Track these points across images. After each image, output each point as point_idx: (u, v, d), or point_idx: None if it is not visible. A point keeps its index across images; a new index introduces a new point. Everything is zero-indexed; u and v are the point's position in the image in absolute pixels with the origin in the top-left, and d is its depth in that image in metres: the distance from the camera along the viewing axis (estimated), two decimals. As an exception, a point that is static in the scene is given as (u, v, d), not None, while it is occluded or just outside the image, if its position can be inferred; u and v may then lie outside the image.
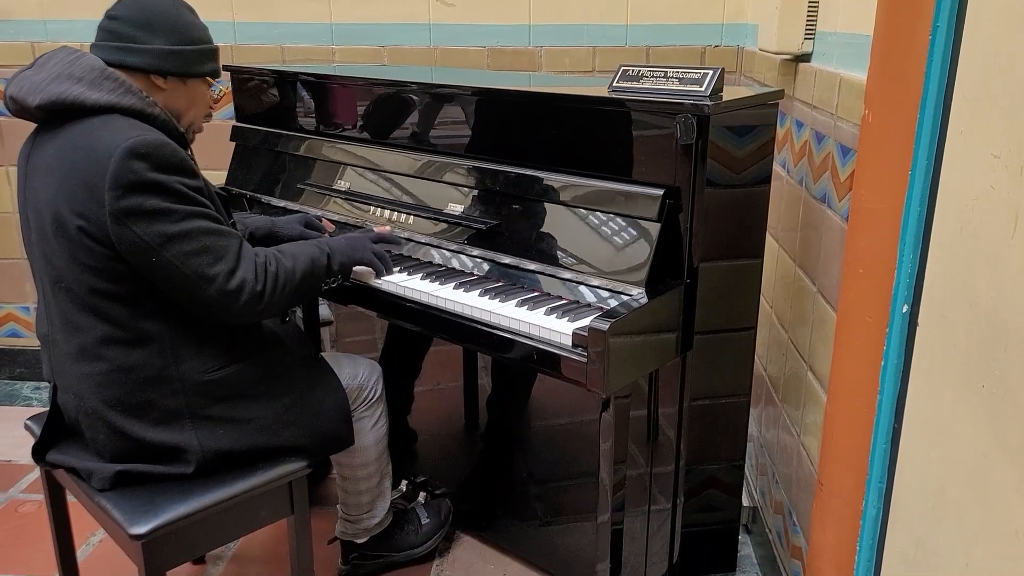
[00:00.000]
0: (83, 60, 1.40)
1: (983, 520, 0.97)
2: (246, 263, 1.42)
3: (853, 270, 1.25)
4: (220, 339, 1.48)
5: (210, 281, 1.38)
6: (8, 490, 2.34)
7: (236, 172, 2.26)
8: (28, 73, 1.42)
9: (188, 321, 1.44)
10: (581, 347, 1.37)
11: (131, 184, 1.31)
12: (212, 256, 1.38)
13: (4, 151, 2.79)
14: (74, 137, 1.36)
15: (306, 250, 1.56)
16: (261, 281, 1.43)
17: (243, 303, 1.41)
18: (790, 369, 1.88)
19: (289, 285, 1.48)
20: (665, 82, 1.51)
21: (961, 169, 1.03)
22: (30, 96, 1.38)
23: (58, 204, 1.35)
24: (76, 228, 1.34)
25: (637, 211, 1.50)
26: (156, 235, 1.33)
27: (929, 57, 1.08)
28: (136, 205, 1.32)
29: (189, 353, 1.45)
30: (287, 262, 1.50)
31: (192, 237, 1.36)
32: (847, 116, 1.50)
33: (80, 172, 1.33)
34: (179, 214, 1.35)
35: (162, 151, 1.34)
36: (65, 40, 2.65)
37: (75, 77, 1.38)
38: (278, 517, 1.58)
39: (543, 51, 2.64)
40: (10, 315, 2.99)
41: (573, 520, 1.95)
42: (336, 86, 2.10)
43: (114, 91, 1.38)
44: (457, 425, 2.21)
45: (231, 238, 1.42)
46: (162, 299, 1.41)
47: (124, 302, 1.39)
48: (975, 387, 0.98)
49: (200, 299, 1.40)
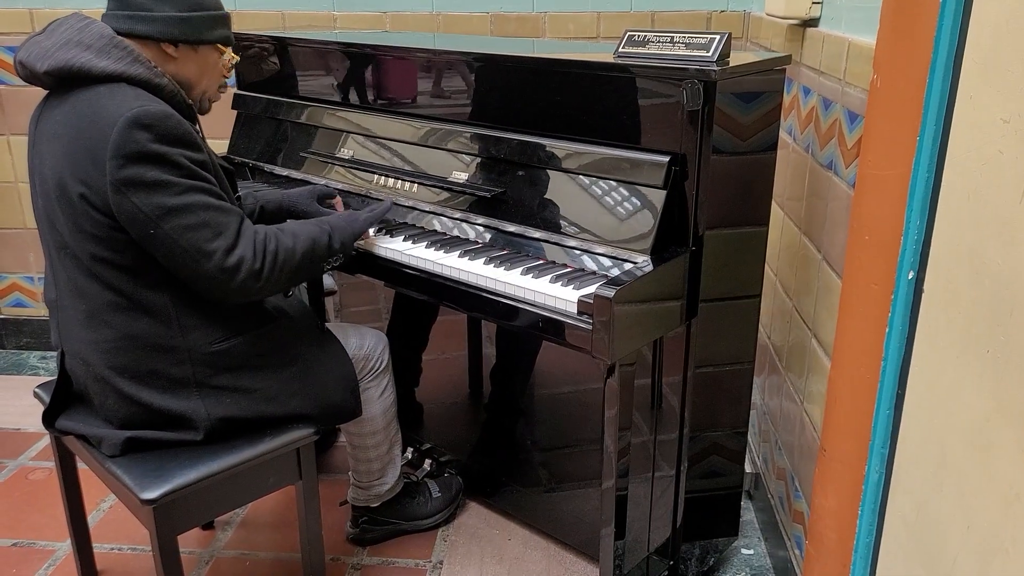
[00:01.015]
0: (92, 27, 1.40)
1: (984, 484, 0.97)
2: (245, 240, 1.41)
3: (859, 237, 1.25)
4: (226, 310, 1.49)
5: (208, 256, 1.37)
6: (18, 458, 2.36)
7: (238, 141, 2.25)
8: (39, 38, 1.41)
9: (193, 292, 1.44)
10: (586, 315, 1.38)
11: (133, 154, 1.31)
12: (211, 231, 1.37)
13: (5, 120, 2.77)
14: (80, 104, 1.35)
15: (307, 229, 1.54)
16: (259, 259, 1.42)
17: (240, 280, 1.40)
18: (794, 337, 1.88)
19: (289, 264, 1.47)
20: (671, 48, 1.49)
21: (970, 134, 1.03)
22: (39, 62, 1.37)
23: (62, 171, 1.35)
24: (79, 195, 1.34)
25: (642, 178, 1.49)
26: (155, 207, 1.33)
27: (939, 21, 1.07)
28: (136, 175, 1.31)
29: (195, 324, 1.45)
30: (287, 241, 1.48)
31: (191, 211, 1.35)
32: (855, 82, 1.49)
33: (84, 140, 1.33)
34: (179, 187, 1.34)
35: (166, 122, 1.34)
36: (63, 7, 2.62)
37: (84, 44, 1.37)
38: (286, 483, 1.60)
39: (547, 17, 2.61)
40: (15, 285, 3.00)
41: (577, 486, 1.97)
42: (338, 53, 2.08)
43: (121, 60, 1.38)
44: (462, 393, 2.23)
45: (231, 215, 1.41)
46: (165, 270, 1.41)
47: (127, 271, 1.39)
48: (979, 353, 0.98)
49: (197, 274, 1.39)
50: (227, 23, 1.54)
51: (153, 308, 1.42)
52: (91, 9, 2.56)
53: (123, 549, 2.00)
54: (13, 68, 2.67)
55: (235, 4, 2.63)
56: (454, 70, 1.85)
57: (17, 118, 2.75)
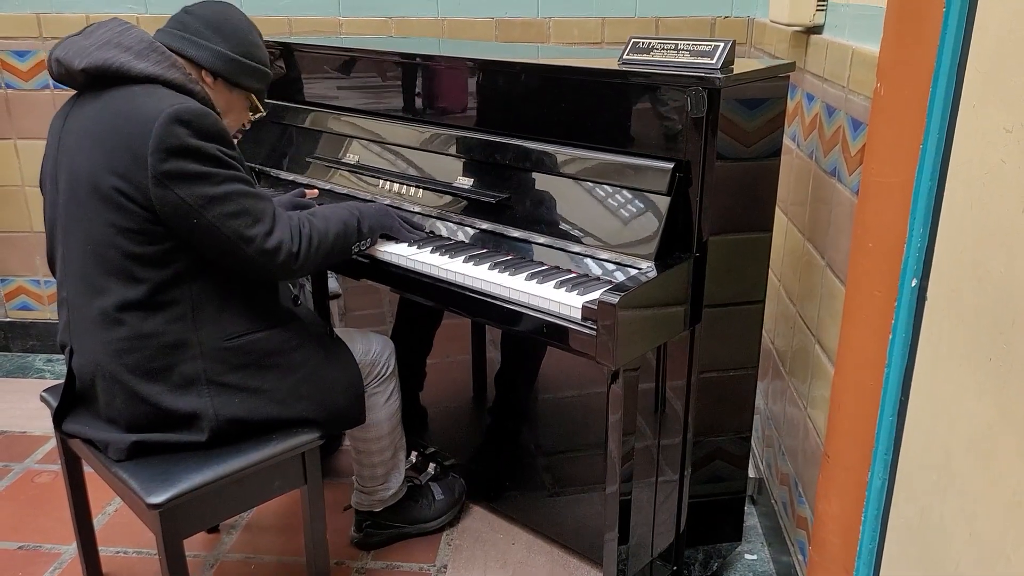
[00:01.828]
0: (133, 32, 1.46)
1: (987, 491, 0.98)
2: (282, 224, 1.49)
3: (862, 244, 1.26)
4: (240, 307, 1.52)
5: (249, 242, 1.44)
6: (24, 460, 2.37)
7: (244, 145, 2.26)
8: (76, 38, 1.46)
9: (211, 287, 1.48)
10: (591, 320, 1.38)
11: (174, 148, 1.36)
12: (251, 218, 1.44)
13: (12, 124, 2.79)
14: (117, 102, 1.41)
15: (338, 212, 1.63)
16: (296, 241, 1.50)
17: (280, 262, 1.48)
18: (798, 343, 1.88)
19: (323, 246, 1.55)
20: (676, 54, 1.50)
21: (973, 143, 1.03)
22: (76, 59, 1.42)
23: (95, 166, 1.39)
24: (113, 189, 1.37)
25: (647, 184, 1.50)
26: (198, 197, 1.38)
27: (943, 30, 1.08)
28: (179, 168, 1.37)
29: (209, 319, 1.48)
30: (320, 224, 1.56)
31: (231, 199, 1.41)
32: (858, 89, 1.49)
33: (122, 135, 1.37)
34: (219, 177, 1.40)
35: (204, 119, 1.40)
36: (70, 12, 2.65)
37: (123, 46, 1.43)
38: (291, 487, 1.60)
39: (551, 22, 2.62)
40: (21, 287, 3.02)
41: (581, 491, 1.97)
42: (343, 58, 2.09)
43: (159, 63, 1.44)
44: (467, 398, 2.23)
45: (267, 201, 1.49)
46: (190, 264, 1.45)
47: (154, 265, 1.42)
48: (982, 360, 0.99)
49: (240, 259, 1.45)
50: (267, 80, 1.65)
51: (170, 304, 1.45)
52: (98, 14, 2.60)
53: (129, 553, 2.01)
54: (21, 72, 2.72)
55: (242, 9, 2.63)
56: (459, 76, 1.86)
57: (23, 122, 2.77)
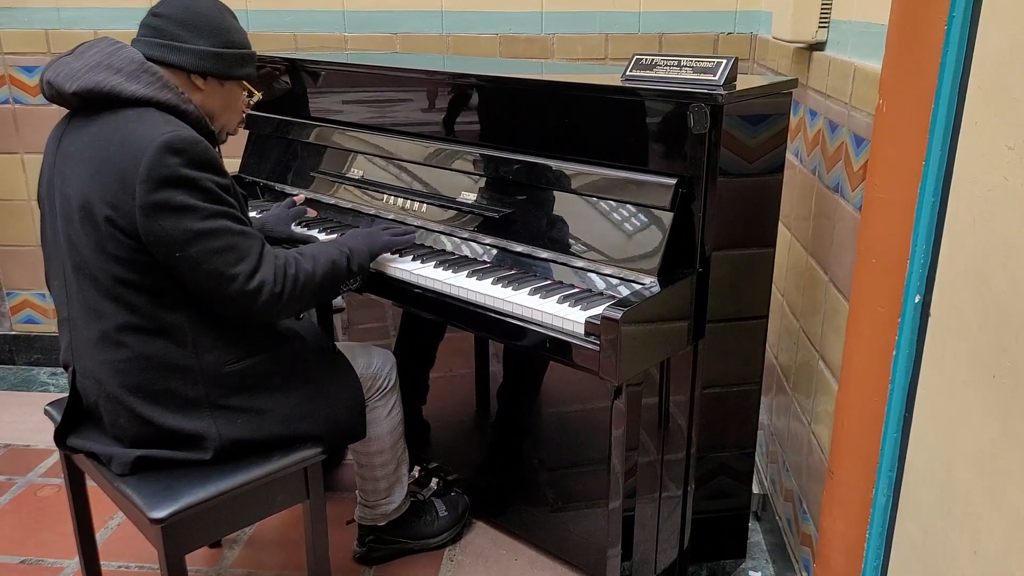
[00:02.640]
0: (123, 52, 1.43)
1: (991, 508, 0.97)
2: (267, 265, 1.44)
3: (865, 260, 1.26)
4: (239, 332, 1.51)
5: (230, 280, 1.40)
6: (27, 474, 2.37)
7: (249, 160, 2.27)
8: (67, 59, 1.43)
9: (209, 313, 1.46)
10: (594, 335, 1.38)
11: (163, 178, 1.33)
12: (235, 255, 1.40)
13: (20, 139, 2.81)
14: (109, 127, 1.38)
15: (327, 251, 1.57)
16: (280, 283, 1.45)
17: (261, 303, 1.43)
18: (801, 358, 1.88)
19: (309, 287, 1.50)
20: (678, 71, 1.51)
21: (975, 160, 1.03)
22: (67, 82, 1.39)
23: (88, 192, 1.37)
24: (104, 218, 1.35)
25: (650, 200, 1.51)
26: (183, 231, 1.35)
27: (944, 47, 1.08)
28: (166, 199, 1.34)
29: (209, 345, 1.47)
30: (307, 265, 1.51)
31: (217, 235, 1.38)
32: (861, 105, 1.50)
33: (113, 163, 1.35)
34: (206, 211, 1.37)
35: (196, 148, 1.37)
36: (78, 28, 2.67)
37: (114, 68, 1.40)
38: (294, 502, 1.60)
39: (555, 38, 2.64)
40: (27, 301, 3.03)
41: (584, 507, 1.97)
42: (348, 74, 2.11)
43: (151, 85, 1.41)
44: (469, 412, 2.23)
45: (254, 239, 1.44)
46: (184, 291, 1.43)
47: (147, 292, 1.41)
48: (985, 377, 0.98)
49: (220, 297, 1.42)
50: (254, 62, 1.60)
51: (169, 329, 1.43)
52: (106, 30, 2.62)
53: (131, 567, 2.00)
54: (29, 88, 2.74)
55: (248, 25, 2.65)
56: (463, 91, 1.87)
57: (31, 137, 2.79)
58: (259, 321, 1.51)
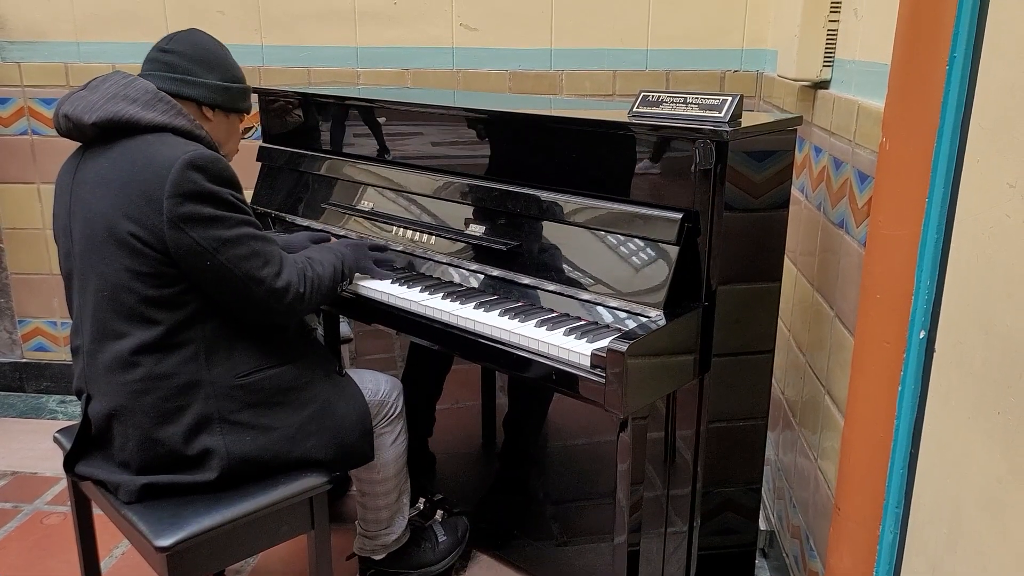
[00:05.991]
0: (137, 83, 1.52)
1: (998, 545, 0.97)
2: (288, 267, 1.55)
3: (871, 295, 1.26)
4: (251, 345, 1.55)
5: (259, 283, 1.49)
6: (34, 501, 2.37)
7: (261, 191, 2.30)
8: (82, 93, 1.51)
9: (223, 327, 1.51)
10: (600, 368, 1.39)
11: (189, 193, 1.41)
12: (261, 260, 1.49)
13: (37, 170, 2.85)
14: (131, 151, 1.46)
15: (327, 256, 1.70)
16: (302, 283, 1.57)
17: (288, 303, 1.54)
18: (807, 393, 1.88)
19: (322, 287, 1.63)
20: (684, 108, 1.53)
21: (977, 198, 1.05)
22: (86, 114, 1.47)
23: (111, 213, 1.43)
24: (129, 233, 1.42)
25: (656, 234, 1.52)
26: (212, 240, 1.43)
27: (946, 86, 1.10)
28: (194, 212, 1.42)
29: (221, 358, 1.51)
30: (317, 267, 1.64)
31: (243, 242, 1.47)
32: (865, 143, 1.52)
33: (139, 181, 1.42)
34: (232, 221, 1.46)
35: (217, 165, 1.46)
36: (97, 61, 2.73)
37: (130, 98, 1.48)
38: (298, 532, 1.60)
39: (564, 75, 2.68)
40: (38, 329, 3.05)
41: (590, 541, 1.95)
42: (360, 108, 2.14)
43: (167, 112, 1.50)
44: (475, 444, 2.23)
45: (274, 244, 1.55)
46: (202, 305, 1.49)
47: (168, 307, 1.46)
48: (991, 413, 0.99)
49: (250, 299, 1.50)
50: (250, 96, 1.74)
51: (183, 344, 1.48)
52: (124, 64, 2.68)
53: (134, 596, 2.00)
54: (47, 120, 2.79)
55: (263, 60, 2.72)
56: (472, 126, 1.89)
57: (48, 168, 2.83)
58: (284, 320, 1.61)
